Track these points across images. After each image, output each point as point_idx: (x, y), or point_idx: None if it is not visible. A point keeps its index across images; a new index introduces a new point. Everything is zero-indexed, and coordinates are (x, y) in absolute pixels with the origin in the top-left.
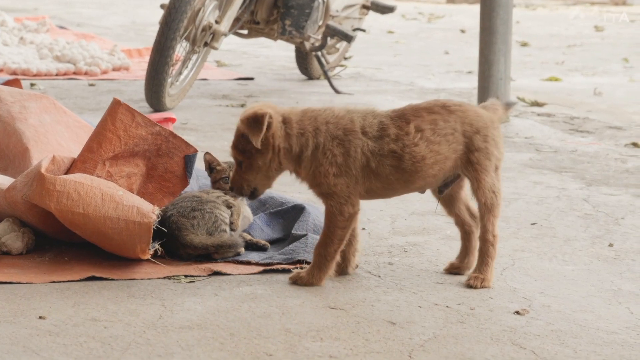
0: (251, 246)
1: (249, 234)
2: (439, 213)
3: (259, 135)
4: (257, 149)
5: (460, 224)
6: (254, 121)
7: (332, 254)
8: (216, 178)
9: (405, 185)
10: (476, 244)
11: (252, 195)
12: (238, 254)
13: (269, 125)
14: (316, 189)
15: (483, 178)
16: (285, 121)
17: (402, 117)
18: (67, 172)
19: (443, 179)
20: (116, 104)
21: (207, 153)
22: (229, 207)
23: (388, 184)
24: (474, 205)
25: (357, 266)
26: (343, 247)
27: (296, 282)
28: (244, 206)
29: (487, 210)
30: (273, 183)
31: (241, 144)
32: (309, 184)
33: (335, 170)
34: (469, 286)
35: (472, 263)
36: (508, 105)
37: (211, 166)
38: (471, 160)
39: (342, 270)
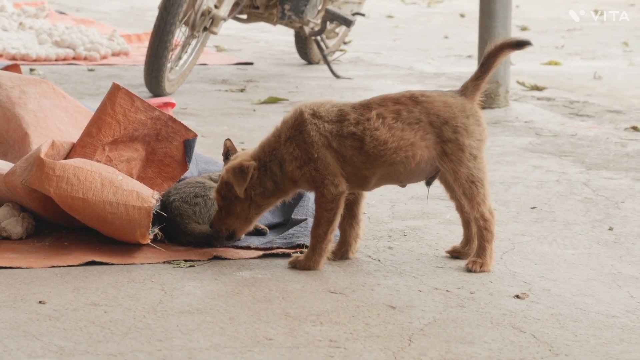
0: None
1: None
2: (437, 197)
3: (243, 186)
4: (236, 196)
5: (461, 210)
6: (240, 172)
7: (323, 236)
8: None
9: (371, 169)
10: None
11: (230, 237)
12: (237, 240)
13: (252, 176)
14: (302, 184)
15: (459, 169)
16: (258, 166)
17: (366, 105)
18: (67, 156)
19: (422, 171)
20: (115, 89)
21: (228, 139)
22: None
23: (356, 168)
24: None
25: (356, 251)
26: (335, 228)
27: (295, 266)
28: None
29: (468, 200)
30: (253, 224)
31: (224, 190)
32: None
33: (297, 163)
34: (468, 270)
35: (474, 249)
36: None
37: (228, 154)
38: (446, 152)
39: (343, 255)
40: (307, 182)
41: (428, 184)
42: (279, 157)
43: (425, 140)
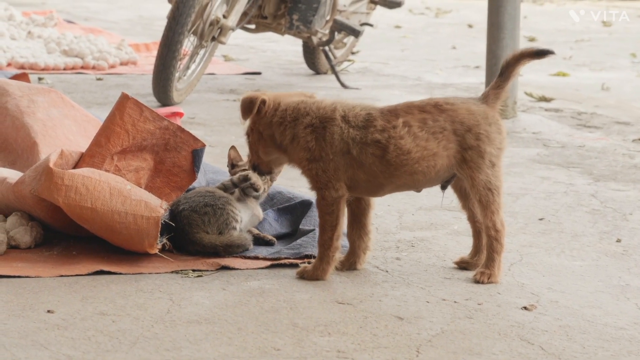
0: (258, 240)
1: (256, 228)
2: (445, 207)
3: (245, 115)
4: (251, 129)
5: (472, 220)
6: (249, 102)
7: (328, 242)
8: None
9: (390, 179)
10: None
11: (254, 168)
12: (247, 250)
13: (259, 110)
14: (307, 179)
15: (477, 176)
16: (275, 109)
17: (393, 112)
18: (76, 166)
19: (439, 178)
20: (124, 99)
21: (232, 148)
22: (246, 180)
23: (372, 176)
24: None
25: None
26: (340, 234)
27: (303, 276)
28: (255, 205)
29: (483, 207)
30: (268, 164)
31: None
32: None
33: (308, 155)
34: (476, 281)
35: (482, 260)
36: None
37: (233, 163)
38: (465, 159)
39: (351, 265)
40: (310, 179)
41: (443, 187)
42: (295, 130)
43: (448, 149)
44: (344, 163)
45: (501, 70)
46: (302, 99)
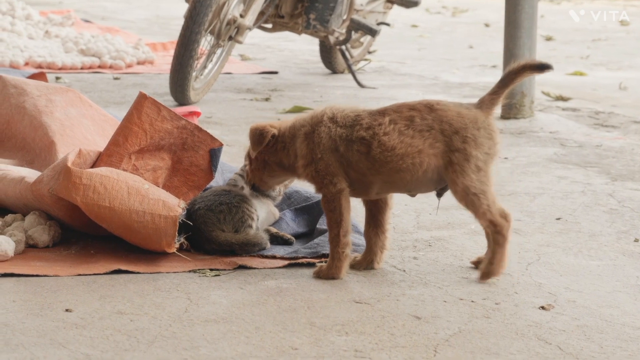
0: (276, 239)
1: (274, 227)
2: (461, 207)
3: (256, 148)
4: (255, 158)
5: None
6: (259, 134)
7: (335, 239)
8: None
9: (376, 176)
10: None
11: (253, 187)
12: (263, 249)
13: (268, 143)
14: (310, 184)
15: (460, 181)
16: (278, 137)
17: (382, 111)
18: (93, 165)
19: (429, 180)
20: (142, 98)
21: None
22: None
23: (361, 174)
24: (501, 205)
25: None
26: (347, 230)
27: (319, 275)
28: (270, 204)
29: (471, 210)
30: (271, 186)
31: (248, 148)
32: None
33: (303, 161)
34: (482, 280)
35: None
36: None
37: None
38: (451, 161)
39: (368, 265)
40: (310, 182)
41: (439, 195)
42: (295, 146)
43: (434, 148)
44: (334, 160)
45: (502, 77)
46: (296, 118)
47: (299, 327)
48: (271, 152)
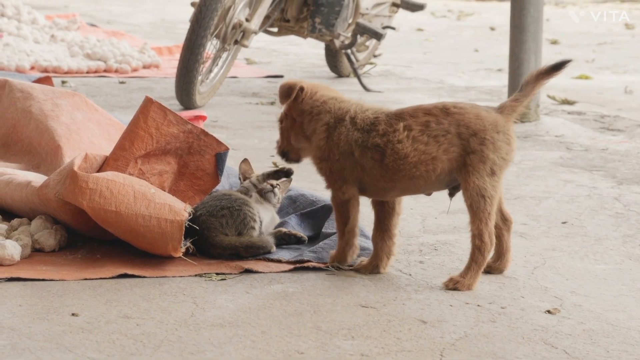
0: (289, 238)
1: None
2: (461, 212)
3: (283, 101)
4: (285, 114)
5: (493, 226)
6: (287, 88)
7: (340, 233)
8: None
9: (391, 183)
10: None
11: (283, 154)
12: (268, 252)
13: (296, 96)
14: (321, 177)
15: (472, 180)
16: (311, 97)
17: (399, 115)
18: (100, 169)
19: (442, 182)
20: (148, 102)
21: (243, 161)
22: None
23: (374, 180)
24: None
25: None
26: (351, 229)
27: (332, 261)
28: (271, 210)
29: (472, 213)
30: (297, 150)
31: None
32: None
33: (320, 153)
34: (445, 286)
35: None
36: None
37: (245, 175)
38: (465, 162)
39: (374, 269)
40: (322, 177)
41: (451, 195)
42: (315, 125)
43: (449, 153)
44: (349, 164)
45: (521, 87)
46: (336, 95)
47: (305, 331)
48: (299, 111)
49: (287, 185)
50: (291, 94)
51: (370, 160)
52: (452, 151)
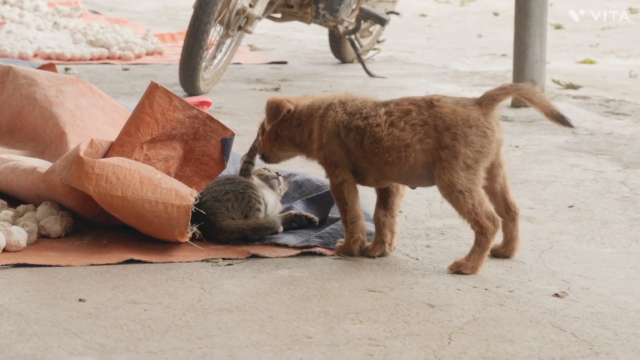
0: (300, 219)
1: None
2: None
3: (271, 121)
4: (269, 130)
5: (500, 213)
6: (275, 108)
7: (345, 224)
8: None
9: (369, 165)
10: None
11: (262, 156)
12: (276, 233)
13: (283, 117)
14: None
15: (446, 177)
16: (294, 113)
17: (385, 103)
18: (105, 155)
19: (421, 175)
20: (154, 88)
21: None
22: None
23: (358, 162)
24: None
25: (393, 248)
26: (354, 216)
27: (338, 252)
28: (274, 194)
29: (456, 209)
30: (278, 158)
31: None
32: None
33: (317, 144)
34: (450, 269)
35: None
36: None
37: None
38: (440, 157)
39: (381, 246)
40: (321, 166)
41: None
42: (311, 126)
43: (424, 143)
44: (337, 145)
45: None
46: (314, 96)
47: (313, 315)
48: (285, 127)
49: (287, 185)
50: (279, 116)
51: (352, 142)
52: (427, 142)
